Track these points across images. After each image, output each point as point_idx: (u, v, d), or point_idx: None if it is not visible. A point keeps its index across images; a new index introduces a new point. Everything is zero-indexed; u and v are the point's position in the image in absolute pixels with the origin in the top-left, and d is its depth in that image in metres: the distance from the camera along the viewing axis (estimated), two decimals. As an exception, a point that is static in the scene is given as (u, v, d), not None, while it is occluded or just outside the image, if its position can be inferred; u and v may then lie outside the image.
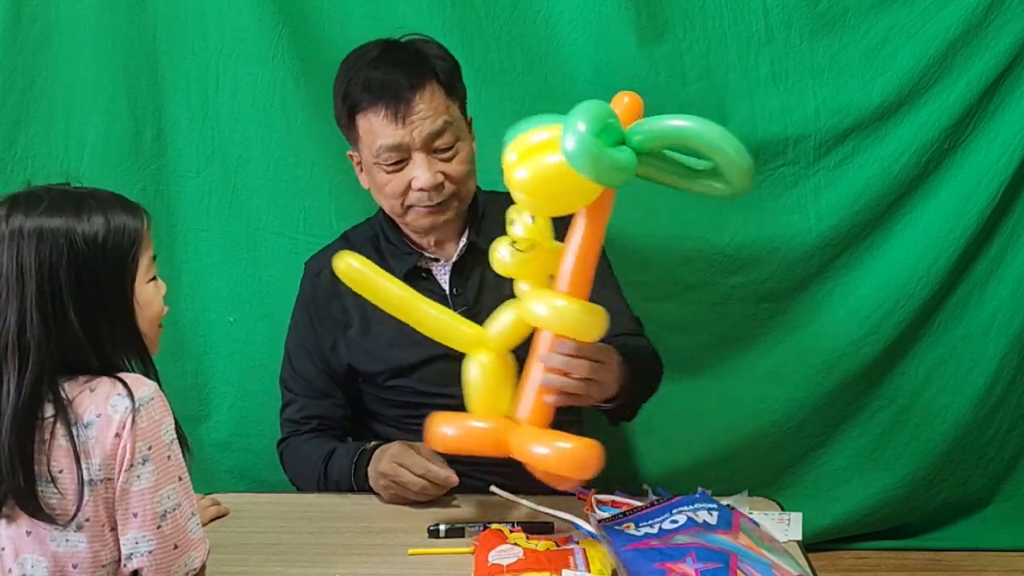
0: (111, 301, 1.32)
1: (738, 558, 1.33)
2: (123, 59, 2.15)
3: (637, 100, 1.51)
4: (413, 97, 1.77)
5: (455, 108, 1.83)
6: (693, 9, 2.20)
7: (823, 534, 2.39)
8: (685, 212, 2.26)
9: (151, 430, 1.28)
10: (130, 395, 1.28)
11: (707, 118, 2.27)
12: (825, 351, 2.33)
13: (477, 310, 1.84)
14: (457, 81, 1.86)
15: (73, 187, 1.39)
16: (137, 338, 1.35)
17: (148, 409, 1.28)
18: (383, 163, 1.79)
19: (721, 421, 2.35)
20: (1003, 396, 2.38)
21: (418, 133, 1.77)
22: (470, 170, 1.84)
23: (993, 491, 2.47)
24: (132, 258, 1.34)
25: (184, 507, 1.31)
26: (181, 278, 2.24)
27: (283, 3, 2.14)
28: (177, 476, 1.30)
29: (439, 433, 1.56)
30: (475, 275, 1.88)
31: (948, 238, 2.27)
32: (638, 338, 1.91)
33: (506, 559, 1.39)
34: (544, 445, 1.48)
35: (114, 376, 1.30)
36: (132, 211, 1.37)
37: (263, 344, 2.22)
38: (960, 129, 2.24)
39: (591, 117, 1.39)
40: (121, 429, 1.27)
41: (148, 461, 1.28)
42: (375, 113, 1.78)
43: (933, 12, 2.20)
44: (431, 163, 1.78)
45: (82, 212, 1.32)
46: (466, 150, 1.83)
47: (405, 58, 1.81)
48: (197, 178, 2.21)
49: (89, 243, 1.30)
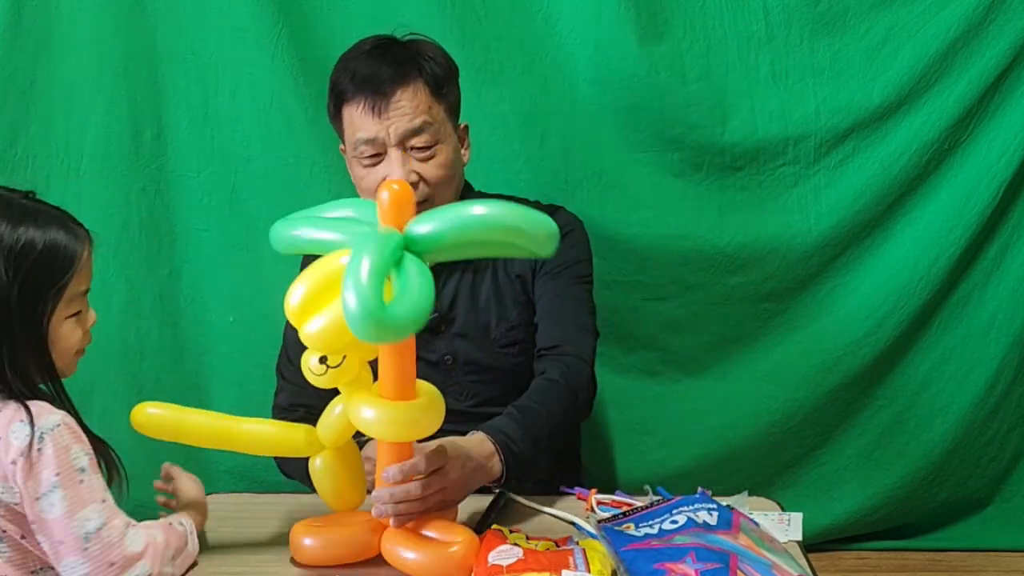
0: (20, 326, 1.29)
1: (738, 558, 1.33)
2: (123, 59, 2.16)
3: (406, 188, 1.36)
4: (394, 92, 1.75)
5: (439, 110, 1.79)
6: (693, 9, 2.20)
7: (823, 534, 2.40)
8: (685, 212, 2.26)
9: (57, 457, 1.27)
10: (31, 423, 1.27)
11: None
12: (825, 351, 2.33)
13: (451, 317, 1.84)
14: (448, 85, 1.82)
15: (32, 200, 1.36)
16: (46, 368, 1.33)
17: (53, 436, 1.27)
18: (360, 156, 1.78)
19: (721, 421, 2.35)
20: (1003, 396, 2.38)
21: (394, 129, 1.74)
22: (448, 175, 1.79)
23: (993, 491, 2.47)
24: (57, 289, 1.31)
25: (115, 524, 1.30)
26: (181, 278, 2.24)
27: (283, 3, 2.15)
28: (98, 499, 1.30)
29: (303, 546, 1.48)
30: (451, 282, 1.86)
31: (948, 238, 2.27)
32: (566, 363, 1.76)
33: (506, 559, 1.38)
34: (414, 551, 1.43)
35: (20, 401, 1.28)
36: (74, 235, 1.34)
37: (263, 344, 2.21)
38: (960, 129, 2.24)
39: (370, 283, 1.22)
40: (18, 456, 1.26)
41: (57, 488, 1.27)
42: (356, 105, 1.76)
43: (933, 12, 2.21)
44: (405, 161, 1.75)
45: (19, 225, 1.30)
46: (446, 154, 1.78)
47: (395, 54, 1.79)
48: (197, 178, 2.21)
49: (13, 258, 1.28)
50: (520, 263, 1.86)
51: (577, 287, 1.86)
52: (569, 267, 1.86)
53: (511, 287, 1.86)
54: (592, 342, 1.83)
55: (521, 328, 1.86)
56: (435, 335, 1.84)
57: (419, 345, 1.74)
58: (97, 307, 1.42)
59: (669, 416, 2.33)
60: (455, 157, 1.81)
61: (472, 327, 1.85)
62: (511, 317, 1.85)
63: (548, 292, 1.84)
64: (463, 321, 1.85)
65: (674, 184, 2.26)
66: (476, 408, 1.84)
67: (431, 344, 1.84)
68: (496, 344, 1.85)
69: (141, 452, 2.23)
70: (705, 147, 2.25)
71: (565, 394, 1.72)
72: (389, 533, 1.47)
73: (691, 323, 2.32)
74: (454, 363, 1.85)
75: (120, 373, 2.23)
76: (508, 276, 1.86)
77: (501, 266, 1.87)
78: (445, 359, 1.85)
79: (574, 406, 1.74)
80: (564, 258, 1.85)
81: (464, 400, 1.86)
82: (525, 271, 1.86)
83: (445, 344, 1.85)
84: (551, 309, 1.83)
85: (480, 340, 1.85)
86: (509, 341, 1.86)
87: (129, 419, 1.48)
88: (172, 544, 1.38)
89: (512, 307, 1.86)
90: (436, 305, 1.76)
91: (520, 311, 1.86)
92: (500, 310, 1.85)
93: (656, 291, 2.28)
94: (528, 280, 1.86)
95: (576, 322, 1.83)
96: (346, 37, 2.17)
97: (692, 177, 2.27)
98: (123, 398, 2.23)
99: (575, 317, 1.83)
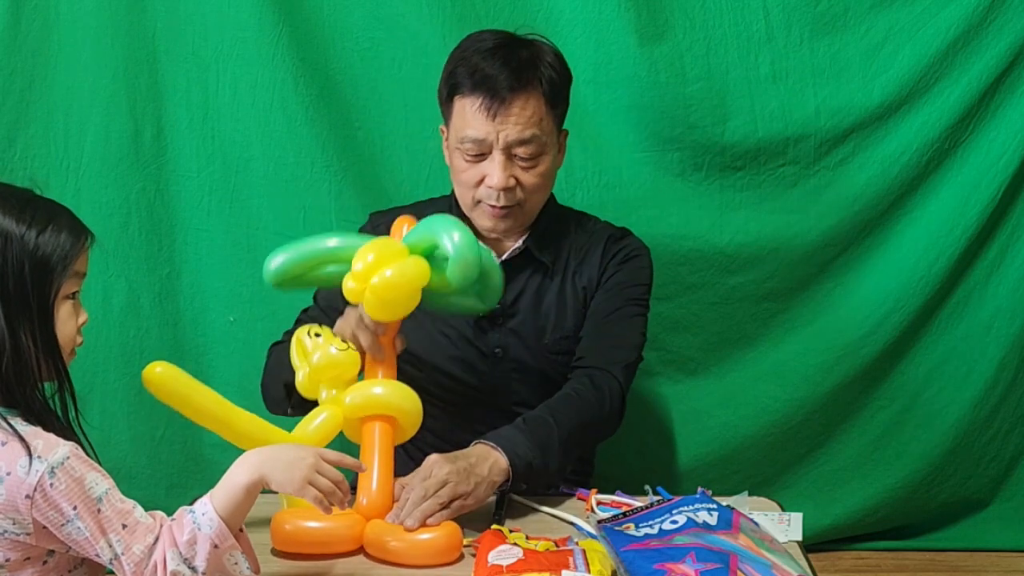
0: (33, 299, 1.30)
1: (738, 558, 1.33)
2: (123, 59, 2.15)
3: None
4: (512, 99, 1.76)
5: (549, 121, 1.81)
6: (693, 9, 2.20)
7: (823, 534, 2.40)
8: (685, 212, 2.27)
9: (72, 491, 1.26)
10: (41, 458, 1.25)
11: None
12: (825, 351, 2.33)
13: (512, 312, 1.86)
14: (562, 94, 1.84)
15: (34, 194, 1.37)
16: (51, 351, 1.32)
17: (65, 470, 1.26)
18: (464, 151, 1.80)
19: (721, 421, 2.35)
20: (1003, 396, 2.38)
21: (504, 135, 1.76)
22: (544, 184, 1.83)
23: (993, 491, 2.47)
24: (64, 266, 1.32)
25: (134, 550, 1.28)
26: (181, 278, 2.24)
27: (283, 3, 2.14)
28: (119, 525, 1.29)
29: (284, 531, 1.50)
30: (519, 279, 1.88)
31: (948, 238, 2.27)
32: (596, 376, 1.79)
33: (506, 559, 1.39)
34: (399, 540, 1.48)
35: (23, 440, 1.27)
36: (76, 230, 1.35)
37: (263, 344, 2.21)
38: (960, 129, 2.24)
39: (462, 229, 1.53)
40: (32, 491, 1.25)
41: (77, 518, 1.26)
42: (472, 102, 1.77)
43: (933, 12, 2.21)
44: (507, 166, 1.77)
45: (24, 211, 1.31)
46: (547, 163, 1.81)
47: (519, 58, 1.80)
48: (197, 178, 2.21)
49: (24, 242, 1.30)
50: (588, 277, 1.88)
51: (630, 307, 1.88)
52: (627, 288, 1.88)
53: (575, 298, 1.88)
54: (629, 359, 1.84)
55: (574, 339, 1.88)
56: (493, 326, 1.86)
57: (473, 334, 1.85)
58: (97, 307, 1.42)
59: (669, 416, 2.33)
60: (554, 165, 1.85)
61: (529, 327, 1.87)
62: (567, 326, 1.87)
63: (601, 308, 1.87)
64: (521, 319, 1.87)
65: (674, 184, 2.26)
66: (513, 407, 1.84)
67: (486, 334, 1.87)
68: (548, 349, 1.87)
69: (141, 452, 2.26)
70: (705, 147, 2.25)
71: (587, 405, 1.74)
72: (372, 525, 1.51)
73: (691, 323, 2.32)
74: (504, 356, 1.87)
75: (120, 373, 2.23)
76: (575, 287, 1.88)
77: (571, 276, 1.89)
78: (496, 351, 1.87)
79: (598, 417, 1.76)
80: (624, 278, 1.88)
81: (502, 396, 1.88)
82: (590, 284, 1.88)
83: (499, 337, 1.87)
84: (599, 325, 1.86)
85: (533, 341, 1.87)
86: (561, 349, 1.87)
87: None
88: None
89: (571, 317, 1.88)
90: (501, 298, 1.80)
91: (578, 322, 1.88)
92: (559, 318, 1.87)
93: (656, 291, 2.25)
94: (591, 293, 1.88)
95: (618, 340, 1.85)
96: (346, 37, 2.18)
97: (692, 177, 2.27)
98: (123, 398, 2.23)
99: (619, 336, 1.85)
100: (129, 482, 2.20)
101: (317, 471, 1.36)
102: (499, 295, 1.69)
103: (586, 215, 1.97)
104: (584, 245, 1.90)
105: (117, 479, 1.33)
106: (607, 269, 1.88)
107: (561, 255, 1.89)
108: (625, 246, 1.91)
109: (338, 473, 1.40)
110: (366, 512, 1.54)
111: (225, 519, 1.31)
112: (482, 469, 1.57)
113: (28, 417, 1.31)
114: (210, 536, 1.30)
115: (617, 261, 1.89)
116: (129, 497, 1.33)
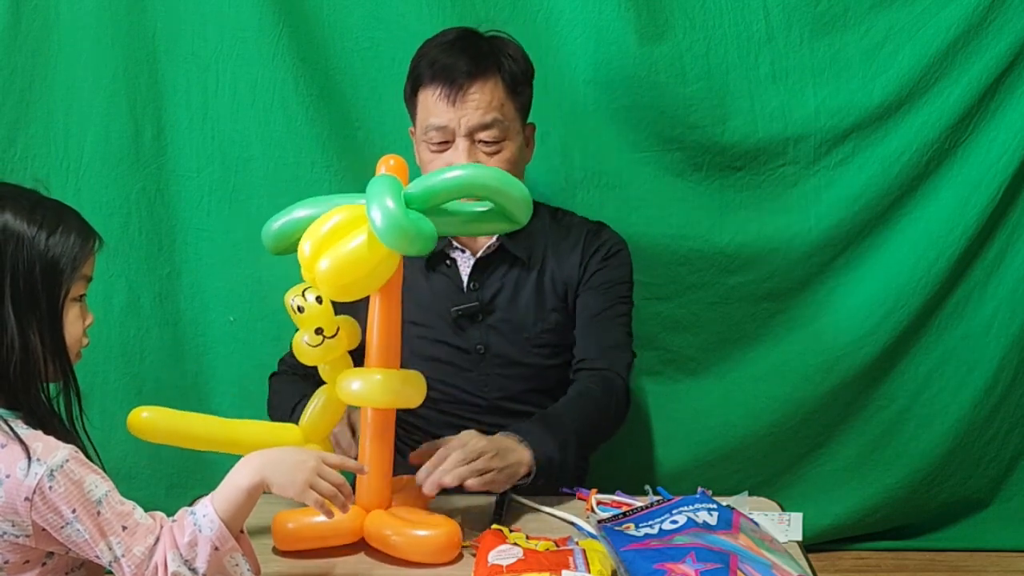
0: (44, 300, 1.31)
1: (738, 558, 1.33)
2: (123, 59, 2.15)
3: (401, 162, 1.55)
4: (470, 84, 1.80)
5: (511, 108, 1.84)
6: (693, 9, 2.20)
7: (823, 534, 2.40)
8: (685, 212, 2.26)
9: (71, 493, 1.27)
10: (40, 461, 1.25)
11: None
12: (825, 351, 2.33)
13: (490, 308, 1.88)
14: (523, 85, 1.88)
15: (41, 195, 1.38)
16: (58, 351, 1.33)
17: (64, 473, 1.27)
18: (428, 141, 1.83)
19: (721, 421, 2.35)
20: (1003, 396, 2.38)
21: (465, 120, 1.79)
22: (511, 172, 1.79)
23: (993, 491, 2.47)
24: (74, 267, 1.33)
25: (134, 552, 1.29)
26: (181, 278, 2.24)
27: (283, 3, 2.14)
28: (119, 527, 1.29)
29: (286, 529, 1.52)
30: (496, 275, 1.90)
31: (948, 238, 2.27)
32: (603, 376, 1.84)
33: (506, 559, 1.39)
34: (399, 534, 1.49)
35: (22, 442, 1.27)
36: (85, 233, 1.36)
37: (263, 344, 2.22)
38: (960, 129, 2.24)
39: (394, 192, 1.39)
40: (31, 494, 1.25)
41: (77, 521, 1.27)
42: (432, 91, 1.81)
43: (933, 12, 2.21)
44: (471, 152, 1.81)
45: (34, 213, 1.31)
46: (511, 150, 1.84)
47: (476, 47, 1.84)
48: (197, 178, 2.21)
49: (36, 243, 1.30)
50: (567, 271, 1.91)
51: (619, 306, 1.92)
52: (613, 286, 1.92)
53: (554, 291, 1.91)
54: (628, 359, 1.90)
55: (556, 332, 1.91)
56: (472, 323, 1.89)
57: (454, 332, 1.87)
58: (97, 307, 1.42)
59: (669, 416, 2.33)
60: (519, 155, 1.87)
61: (509, 322, 1.89)
62: (548, 319, 1.90)
63: (590, 307, 1.90)
64: (501, 315, 1.89)
65: (674, 184, 2.26)
66: (499, 402, 1.89)
67: (466, 332, 1.89)
68: (530, 343, 1.89)
69: (141, 452, 2.25)
70: (705, 147, 2.25)
71: (598, 405, 1.79)
72: (372, 517, 1.52)
73: (691, 323, 2.32)
74: (486, 353, 1.89)
75: (120, 373, 2.23)
76: (553, 281, 1.91)
77: (548, 270, 1.91)
78: (477, 348, 1.89)
79: (608, 417, 1.82)
80: (609, 276, 1.92)
81: (488, 392, 1.90)
82: (570, 279, 1.91)
83: (480, 334, 1.89)
84: (591, 325, 1.90)
85: (514, 335, 1.89)
86: (543, 342, 1.90)
87: (130, 410, 1.48)
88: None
89: (551, 311, 1.90)
90: (477, 295, 1.82)
91: (558, 316, 1.91)
92: (539, 311, 1.90)
93: (656, 291, 2.28)
94: (572, 288, 1.91)
95: (614, 339, 1.90)
96: (346, 37, 2.18)
97: (692, 177, 2.27)
98: (123, 398, 2.23)
99: (614, 335, 1.90)
100: (129, 482, 2.21)
101: (319, 475, 1.37)
102: (527, 207, 1.56)
103: (560, 209, 2.00)
104: (559, 239, 1.93)
105: (117, 479, 1.33)
106: (589, 266, 1.92)
107: (536, 250, 1.91)
108: (605, 242, 1.94)
109: (340, 476, 1.40)
110: (366, 504, 1.55)
111: (226, 521, 1.31)
112: (513, 456, 1.61)
113: (29, 420, 1.31)
114: (211, 538, 1.30)
115: (599, 258, 1.92)
116: (129, 497, 1.33)
